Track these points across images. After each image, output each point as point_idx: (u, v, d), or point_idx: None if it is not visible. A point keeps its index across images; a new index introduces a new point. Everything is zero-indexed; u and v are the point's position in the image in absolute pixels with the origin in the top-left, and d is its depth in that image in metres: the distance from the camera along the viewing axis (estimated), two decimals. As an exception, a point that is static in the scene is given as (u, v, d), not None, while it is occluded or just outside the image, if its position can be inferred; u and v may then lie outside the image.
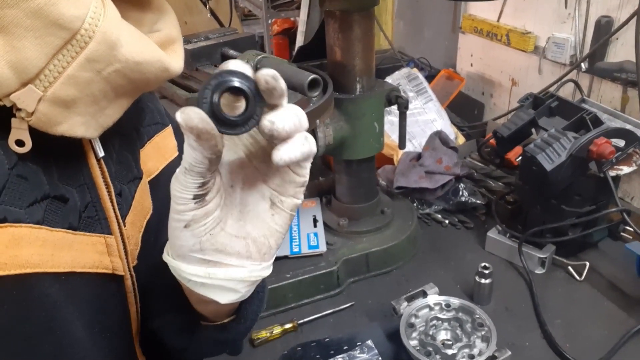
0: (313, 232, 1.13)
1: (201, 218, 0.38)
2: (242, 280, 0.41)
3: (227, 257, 0.40)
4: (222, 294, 0.41)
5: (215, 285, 0.40)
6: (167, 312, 0.51)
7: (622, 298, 1.02)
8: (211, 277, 0.40)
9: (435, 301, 0.94)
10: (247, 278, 0.41)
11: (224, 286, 0.41)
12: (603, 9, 1.33)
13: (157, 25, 0.47)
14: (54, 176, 0.41)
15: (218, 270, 0.40)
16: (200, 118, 0.33)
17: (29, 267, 0.38)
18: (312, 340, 0.94)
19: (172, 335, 0.51)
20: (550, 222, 1.07)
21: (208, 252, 0.39)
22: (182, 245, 0.39)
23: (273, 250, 0.42)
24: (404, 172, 1.29)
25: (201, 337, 0.50)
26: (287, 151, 0.36)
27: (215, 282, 0.40)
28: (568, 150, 0.99)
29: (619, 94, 1.30)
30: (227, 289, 0.41)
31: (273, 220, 0.41)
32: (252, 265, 0.41)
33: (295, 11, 2.62)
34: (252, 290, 0.43)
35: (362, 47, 0.99)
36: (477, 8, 1.81)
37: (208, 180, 0.37)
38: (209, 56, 0.98)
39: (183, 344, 0.51)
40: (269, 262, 0.43)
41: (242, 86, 0.34)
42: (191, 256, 0.39)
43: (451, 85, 1.79)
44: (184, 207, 0.37)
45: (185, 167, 0.36)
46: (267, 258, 0.42)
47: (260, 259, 0.41)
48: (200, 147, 0.34)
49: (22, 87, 0.36)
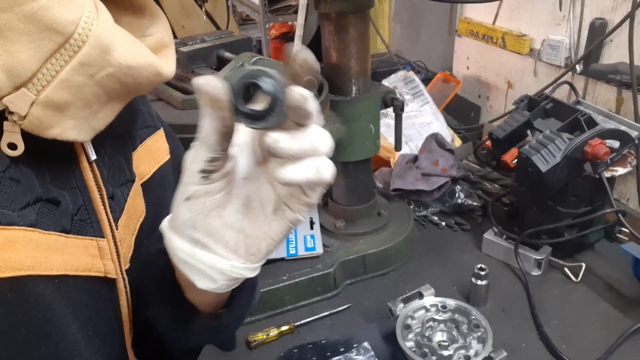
0: (310, 234, 1.13)
1: (202, 195, 0.39)
2: (221, 272, 0.41)
3: (215, 243, 0.40)
4: (201, 278, 0.41)
5: (196, 268, 0.41)
6: (161, 302, 0.51)
7: (619, 299, 1.02)
8: (194, 258, 0.41)
9: (432, 302, 0.94)
10: (226, 271, 0.41)
11: (204, 271, 0.41)
12: (597, 12, 1.33)
13: (149, 30, 0.47)
14: (46, 179, 0.41)
15: (202, 253, 0.41)
16: (214, 85, 0.34)
17: (22, 270, 0.38)
18: (308, 342, 0.94)
19: (166, 325, 0.52)
20: (546, 223, 1.08)
21: (199, 231, 0.40)
22: (178, 217, 0.40)
23: (262, 254, 0.42)
24: (401, 174, 1.30)
25: (195, 325, 0.51)
26: (291, 172, 0.36)
27: (197, 264, 0.41)
28: (563, 151, 0.99)
29: (614, 96, 1.31)
30: (207, 275, 0.41)
31: (270, 226, 0.41)
32: (236, 261, 0.41)
33: (293, 15, 2.63)
34: (232, 286, 0.43)
35: (357, 49, 0.99)
36: (473, 11, 1.82)
37: (218, 157, 0.38)
38: (205, 58, 0.98)
39: (176, 333, 0.52)
40: (254, 265, 0.42)
41: (265, 85, 0.34)
42: (184, 231, 0.40)
43: (447, 88, 1.80)
44: (189, 179, 0.38)
45: (197, 140, 0.37)
46: (254, 260, 0.42)
47: (246, 258, 0.41)
48: (210, 116, 0.36)
49: (14, 91, 0.36)
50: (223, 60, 0.97)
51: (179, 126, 0.86)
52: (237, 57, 0.90)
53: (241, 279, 0.43)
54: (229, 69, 0.85)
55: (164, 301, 0.51)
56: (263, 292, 1.01)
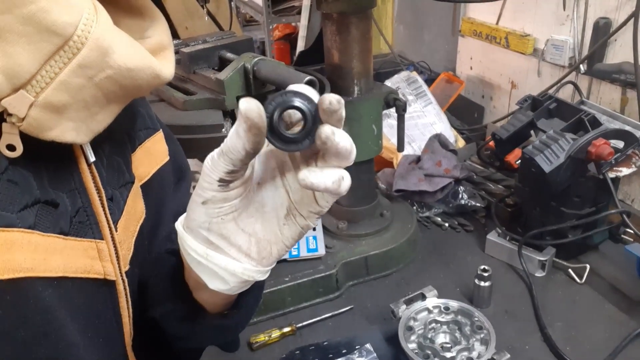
0: (312, 235, 1.13)
1: (219, 201, 0.39)
2: (233, 274, 0.42)
3: (228, 246, 0.41)
4: (213, 279, 0.42)
5: (209, 268, 0.42)
6: (169, 300, 0.52)
7: (623, 300, 1.01)
8: (208, 258, 0.41)
9: (434, 304, 0.93)
10: (238, 273, 0.42)
11: (216, 272, 0.42)
12: (601, 11, 1.32)
13: (148, 32, 0.48)
14: (45, 181, 0.41)
15: (216, 255, 0.41)
16: (259, 112, 0.35)
17: (21, 272, 0.38)
18: (310, 344, 0.94)
19: (173, 324, 0.52)
20: (550, 224, 1.07)
21: (213, 234, 0.41)
22: (194, 219, 0.41)
23: (273, 257, 0.43)
24: (404, 175, 1.29)
25: (202, 324, 0.51)
26: (316, 177, 0.37)
27: (210, 265, 0.41)
28: (567, 151, 0.98)
29: (618, 96, 1.30)
30: (219, 276, 0.42)
31: (282, 230, 0.42)
32: (248, 264, 0.42)
33: (296, 16, 2.63)
34: (243, 288, 0.44)
35: (359, 49, 0.99)
36: (476, 11, 1.81)
37: (237, 170, 0.38)
38: (206, 59, 0.98)
39: (184, 331, 0.52)
40: (265, 268, 0.43)
41: (302, 106, 0.37)
42: (198, 232, 0.41)
43: (451, 89, 1.79)
44: (208, 185, 0.39)
45: (222, 149, 0.37)
46: (265, 263, 0.43)
47: (258, 261, 0.42)
48: (245, 138, 0.36)
49: (13, 93, 0.36)
50: (225, 60, 0.96)
51: (180, 127, 0.86)
52: (239, 58, 0.89)
53: (252, 282, 0.44)
54: (230, 69, 0.85)
55: (172, 300, 0.51)
56: (265, 293, 1.00)
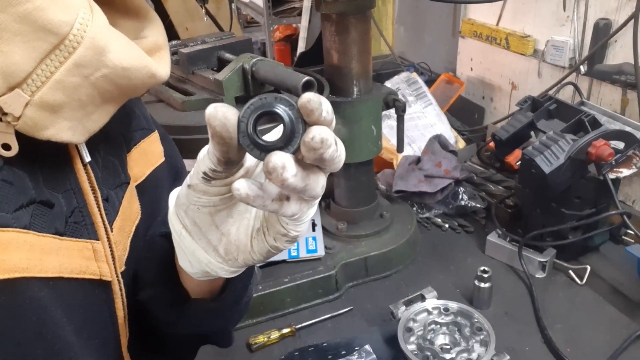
0: (311, 236, 1.13)
1: (199, 191, 0.39)
2: (198, 261, 0.42)
3: (199, 235, 0.41)
4: (183, 259, 0.43)
5: (180, 246, 0.42)
6: (159, 284, 0.51)
7: (624, 302, 1.01)
8: (181, 238, 0.42)
9: (434, 305, 0.93)
10: (203, 263, 0.42)
11: (185, 254, 0.42)
12: (601, 12, 1.32)
13: (143, 32, 0.47)
14: (40, 181, 0.41)
15: (188, 237, 0.41)
16: (223, 120, 0.32)
17: (17, 272, 0.38)
18: (309, 345, 0.94)
19: (162, 308, 0.52)
20: (550, 225, 1.07)
21: (188, 218, 0.41)
22: (179, 197, 0.41)
23: (239, 263, 0.42)
24: (403, 176, 1.29)
25: (191, 307, 0.51)
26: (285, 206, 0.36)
27: (181, 244, 0.42)
28: (567, 152, 0.98)
29: (619, 97, 1.30)
30: (186, 258, 0.43)
31: (252, 242, 0.41)
32: (214, 259, 0.42)
33: (297, 18, 2.63)
34: (208, 278, 0.44)
35: (358, 50, 0.99)
36: (477, 12, 1.81)
37: (220, 171, 0.37)
38: (205, 60, 0.98)
39: (173, 316, 0.52)
40: (231, 268, 0.42)
41: (280, 112, 0.33)
42: (179, 210, 0.41)
43: (451, 90, 1.79)
44: (195, 173, 0.38)
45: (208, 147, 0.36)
46: (231, 265, 0.42)
47: (223, 261, 0.42)
48: (212, 145, 0.35)
49: (9, 92, 0.36)
50: (223, 61, 0.96)
51: (179, 127, 0.85)
52: (237, 58, 0.89)
53: (215, 276, 0.43)
54: (228, 70, 0.85)
55: (161, 284, 0.51)
56: (264, 294, 1.00)
